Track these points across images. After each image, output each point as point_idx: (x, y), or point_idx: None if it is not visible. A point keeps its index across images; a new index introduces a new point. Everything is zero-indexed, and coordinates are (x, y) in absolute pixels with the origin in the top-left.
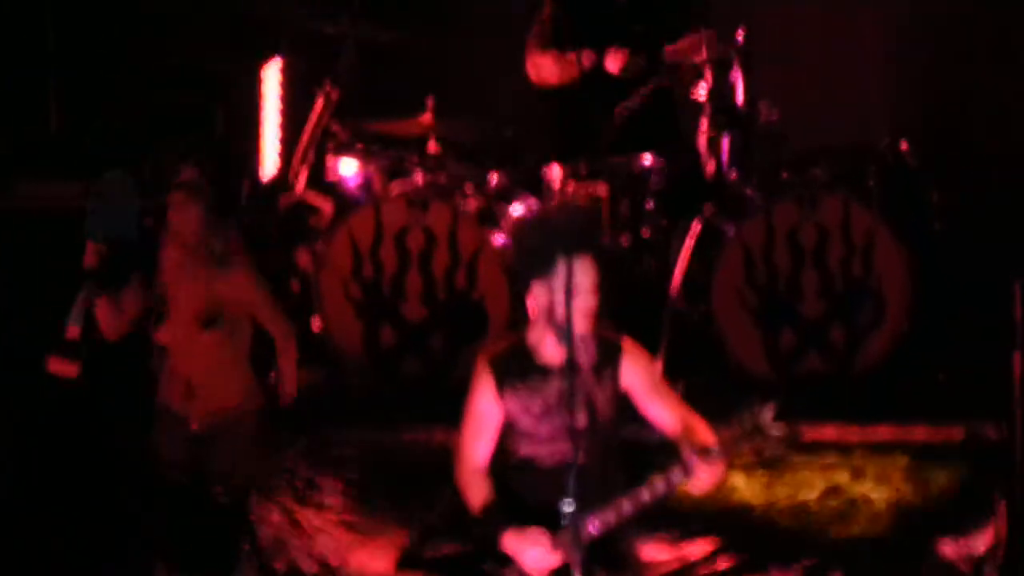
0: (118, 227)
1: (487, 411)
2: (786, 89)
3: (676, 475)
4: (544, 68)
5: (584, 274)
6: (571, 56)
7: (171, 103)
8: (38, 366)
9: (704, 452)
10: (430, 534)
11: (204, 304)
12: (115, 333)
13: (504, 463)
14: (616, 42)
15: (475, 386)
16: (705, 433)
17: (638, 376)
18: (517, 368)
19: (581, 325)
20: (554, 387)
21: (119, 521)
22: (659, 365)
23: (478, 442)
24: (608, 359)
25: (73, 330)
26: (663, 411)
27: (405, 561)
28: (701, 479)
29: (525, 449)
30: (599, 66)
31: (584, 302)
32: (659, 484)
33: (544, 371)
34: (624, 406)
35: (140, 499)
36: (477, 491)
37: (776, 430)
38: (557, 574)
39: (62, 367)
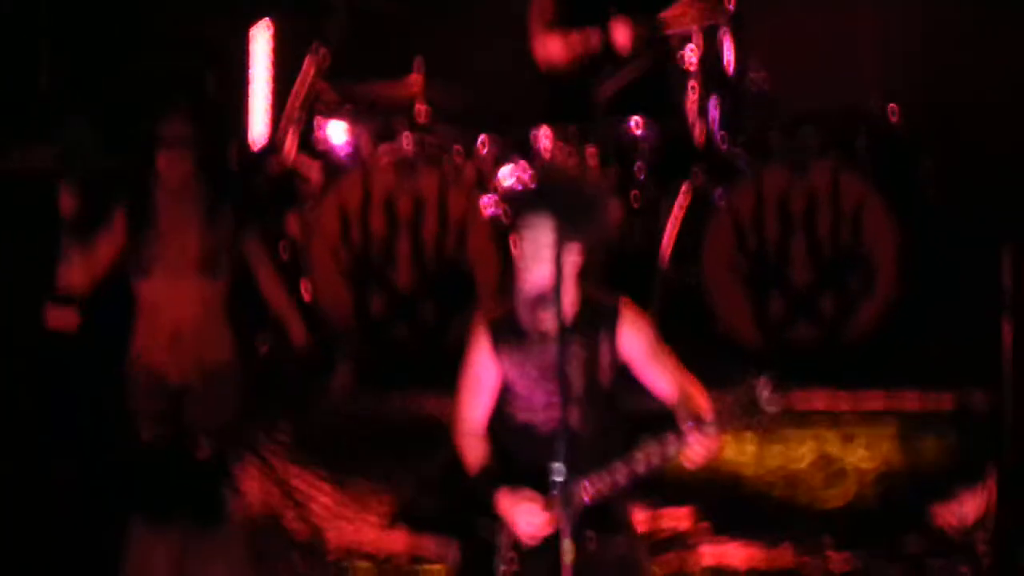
0: (86, 169)
1: (483, 372)
2: (776, 54)
3: (671, 446)
4: (551, 48)
5: (535, 234)
6: (576, 36)
7: (162, 66)
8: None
9: (699, 425)
10: (424, 490)
11: (199, 251)
12: (87, 285)
13: (501, 427)
14: (618, 13)
15: (472, 346)
16: (702, 399)
17: (637, 340)
18: (513, 330)
19: (527, 285)
20: (549, 352)
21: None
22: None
23: (475, 402)
24: (605, 323)
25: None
26: (661, 377)
27: (399, 516)
28: (696, 451)
29: (522, 414)
30: (606, 42)
31: (528, 261)
32: (654, 454)
33: (540, 335)
34: (623, 371)
35: (117, 454)
36: (473, 451)
37: (772, 406)
38: (548, 537)
39: (61, 318)
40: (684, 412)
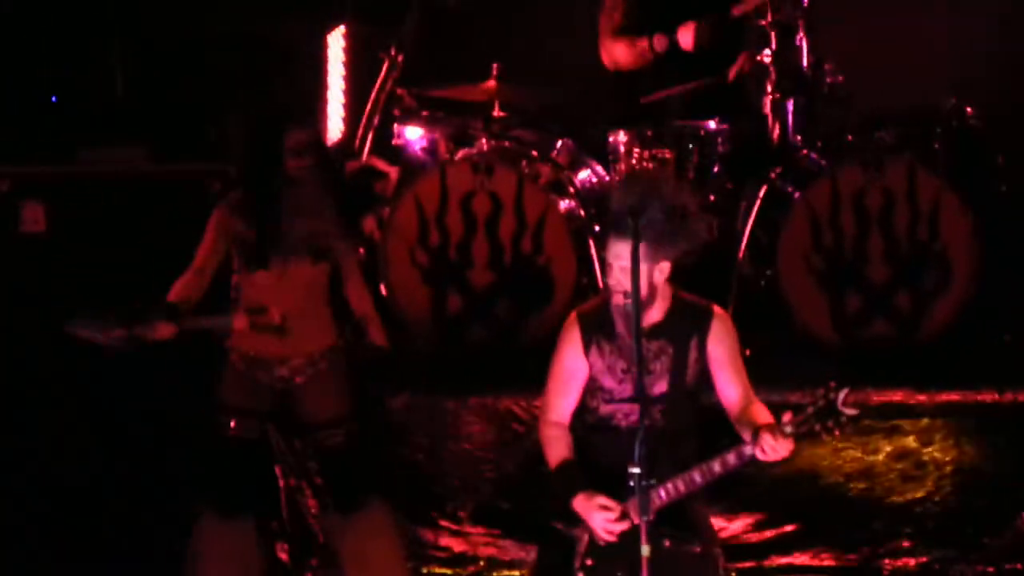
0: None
1: (573, 367)
2: (851, 52)
3: (746, 449)
4: (618, 55)
5: (617, 254)
6: (643, 43)
7: (236, 69)
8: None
9: (776, 428)
10: (502, 491)
11: (316, 238)
12: (199, 299)
13: (585, 421)
14: (685, 17)
15: (563, 341)
16: (766, 417)
17: (723, 346)
18: (604, 327)
19: (617, 297)
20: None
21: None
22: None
23: (562, 397)
24: (697, 326)
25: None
26: (733, 387)
27: (478, 514)
28: (769, 455)
29: (605, 408)
30: (673, 46)
31: (615, 279)
32: (730, 457)
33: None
34: (708, 374)
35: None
36: (556, 447)
37: (849, 412)
38: (625, 538)
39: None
40: (747, 422)
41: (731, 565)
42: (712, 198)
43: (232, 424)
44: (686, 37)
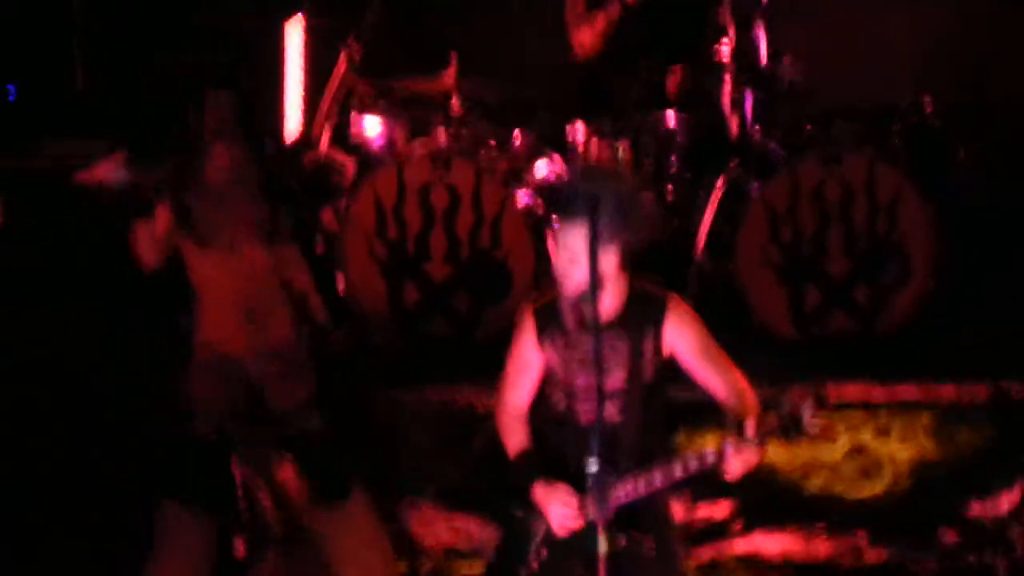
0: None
1: (528, 359)
2: (810, 46)
3: (709, 456)
4: (584, 39)
5: (564, 244)
6: (599, 16)
7: (196, 61)
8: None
9: (739, 441)
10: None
11: (261, 219)
12: (154, 259)
13: (542, 413)
14: None
15: (518, 333)
16: (751, 398)
17: (684, 337)
18: (558, 319)
19: (565, 287)
20: (591, 341)
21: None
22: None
23: (518, 388)
24: (651, 317)
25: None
26: (712, 375)
27: (438, 504)
28: (733, 465)
29: (562, 401)
30: (624, 8)
31: (566, 266)
32: (692, 462)
33: (584, 327)
34: (668, 366)
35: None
36: (514, 437)
37: (814, 426)
38: (581, 532)
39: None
40: (733, 415)
41: (689, 551)
42: (670, 191)
43: (196, 417)
44: None
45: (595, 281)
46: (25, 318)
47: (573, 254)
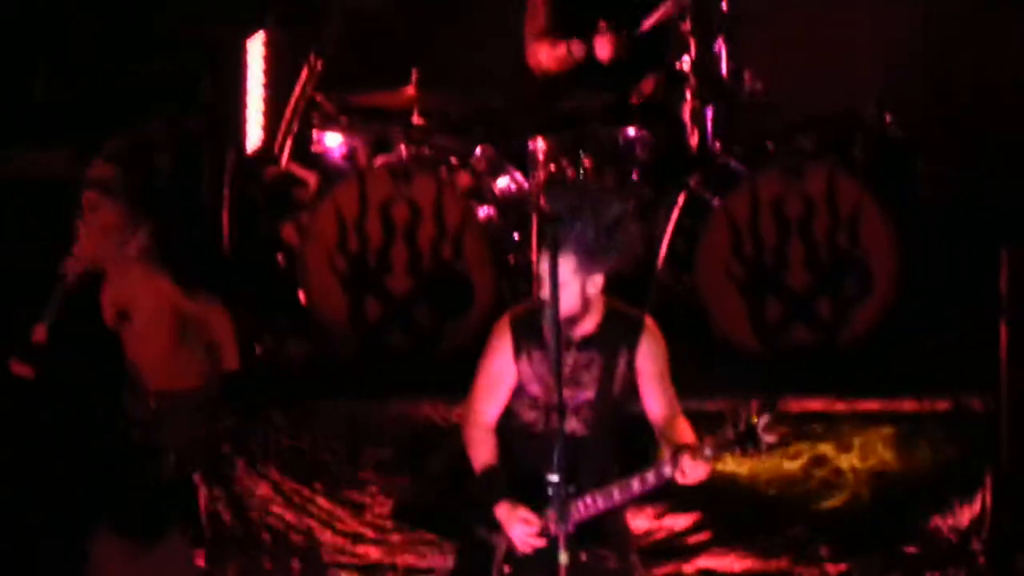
0: None
1: (501, 371)
2: (772, 59)
3: (666, 469)
4: (541, 57)
5: (546, 264)
6: (561, 47)
7: (157, 73)
8: (15, 334)
9: (695, 450)
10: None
11: (119, 304)
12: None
13: (510, 425)
14: (604, 25)
15: (493, 344)
16: (688, 436)
17: (651, 359)
18: (536, 335)
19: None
20: (568, 358)
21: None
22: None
23: (489, 401)
24: (627, 337)
25: (40, 331)
26: (659, 401)
27: (399, 513)
28: (688, 476)
29: (529, 415)
30: (590, 55)
31: (542, 290)
32: (649, 476)
33: (567, 343)
34: (634, 384)
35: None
36: (481, 451)
37: (770, 437)
38: (542, 548)
39: (21, 369)
40: (669, 438)
41: (650, 567)
42: (631, 205)
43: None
44: (603, 48)
45: (556, 297)
46: None
47: (562, 281)
